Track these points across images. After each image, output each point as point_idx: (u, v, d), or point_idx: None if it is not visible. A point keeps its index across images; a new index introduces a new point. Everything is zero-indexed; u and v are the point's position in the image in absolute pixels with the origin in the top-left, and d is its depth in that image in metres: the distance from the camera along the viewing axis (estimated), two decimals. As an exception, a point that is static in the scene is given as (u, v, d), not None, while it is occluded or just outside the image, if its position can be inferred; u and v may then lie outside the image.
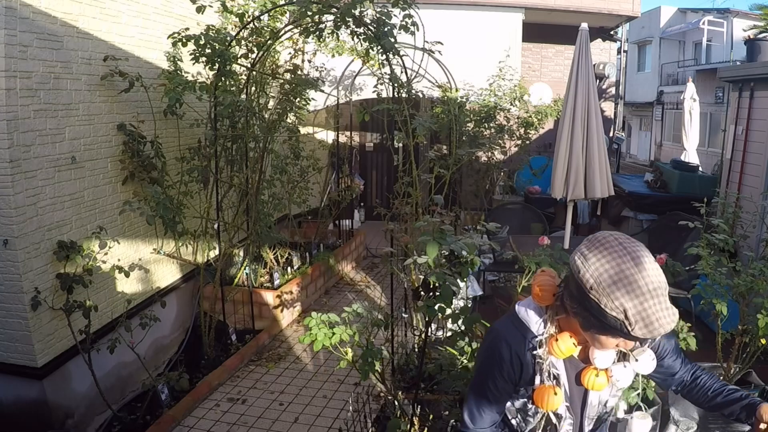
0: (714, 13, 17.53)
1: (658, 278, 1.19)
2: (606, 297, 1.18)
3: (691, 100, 9.02)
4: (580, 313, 1.28)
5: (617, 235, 1.26)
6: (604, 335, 1.27)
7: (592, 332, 1.29)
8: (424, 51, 4.66)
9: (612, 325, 1.20)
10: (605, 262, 1.20)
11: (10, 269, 3.08)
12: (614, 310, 1.18)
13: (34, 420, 3.21)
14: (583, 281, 1.22)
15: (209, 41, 3.95)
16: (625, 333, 1.19)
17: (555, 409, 1.42)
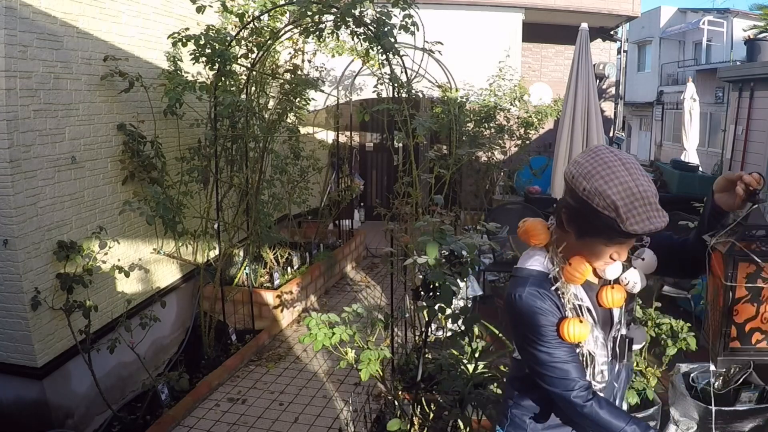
0: (714, 13, 17.54)
1: (648, 185, 1.25)
2: (598, 196, 1.23)
3: (691, 100, 9.03)
4: (576, 220, 1.33)
5: (612, 148, 1.31)
6: (600, 240, 1.31)
7: (587, 240, 1.33)
8: (424, 51, 4.66)
9: (605, 223, 1.25)
10: (597, 165, 1.26)
11: (10, 269, 3.08)
12: (606, 208, 1.23)
13: (34, 420, 3.21)
14: (577, 184, 1.28)
15: (209, 41, 3.95)
16: (618, 230, 1.23)
17: (584, 339, 1.38)
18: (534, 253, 1.46)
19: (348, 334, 2.65)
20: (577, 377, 1.36)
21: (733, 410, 3.00)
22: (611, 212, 1.23)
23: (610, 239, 1.30)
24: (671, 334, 3.00)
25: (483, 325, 3.53)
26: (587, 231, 1.32)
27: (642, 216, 1.21)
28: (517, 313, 1.40)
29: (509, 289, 1.45)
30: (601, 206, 1.24)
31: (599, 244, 1.32)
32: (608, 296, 1.43)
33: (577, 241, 1.36)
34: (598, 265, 1.39)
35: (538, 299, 1.38)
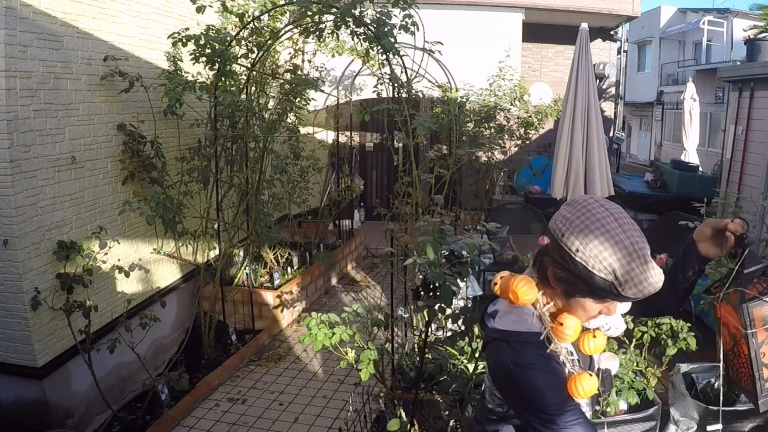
0: (714, 13, 17.54)
1: (642, 241, 1.19)
2: (593, 258, 1.16)
3: (691, 100, 9.02)
4: (566, 279, 1.24)
5: (597, 198, 1.25)
6: (591, 299, 1.25)
7: (578, 297, 1.26)
8: (424, 51, 4.66)
9: (600, 287, 1.19)
10: (590, 224, 1.18)
11: (10, 269, 3.08)
12: (602, 271, 1.16)
13: (34, 420, 3.21)
14: (568, 245, 1.20)
15: (209, 41, 3.95)
16: (615, 294, 1.19)
17: (594, 392, 1.30)
18: (521, 313, 1.34)
19: (348, 334, 2.65)
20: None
21: (733, 410, 3.00)
22: (608, 275, 1.17)
23: (602, 299, 1.24)
24: (671, 334, 3.00)
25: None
26: (578, 290, 1.25)
27: (640, 278, 1.16)
28: (519, 382, 1.28)
29: (499, 355, 1.32)
30: (596, 269, 1.17)
31: (588, 302, 1.26)
32: (589, 344, 1.37)
33: (563, 299, 1.30)
34: (578, 315, 1.32)
35: (542, 362, 1.28)
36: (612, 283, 1.17)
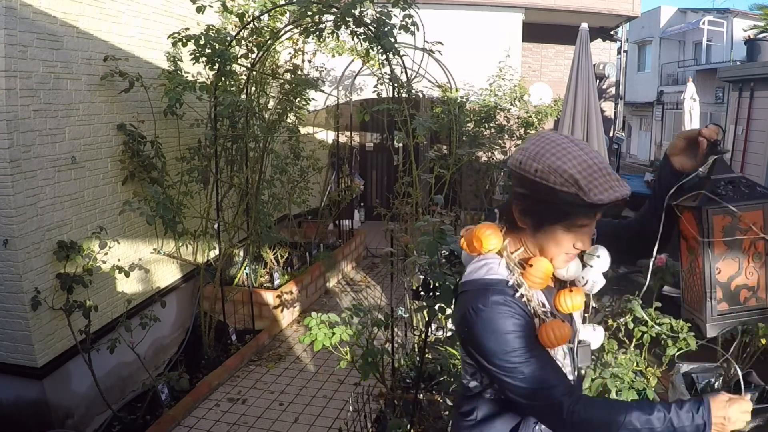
0: (714, 13, 17.54)
1: (603, 158, 1.20)
2: (553, 173, 1.15)
3: (691, 100, 9.02)
4: (530, 208, 1.22)
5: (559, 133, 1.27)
6: (561, 226, 1.22)
7: (546, 228, 1.23)
8: (424, 51, 4.66)
9: (565, 202, 1.16)
10: (546, 145, 1.19)
11: (10, 269, 3.08)
12: (564, 184, 1.15)
13: (34, 420, 3.21)
14: (527, 168, 1.19)
15: (209, 41, 3.95)
16: (581, 205, 1.15)
17: (567, 339, 1.26)
18: (484, 261, 1.28)
19: (348, 334, 2.65)
20: (559, 381, 1.21)
21: (733, 410, 3.00)
22: (571, 187, 1.14)
23: (570, 223, 1.21)
24: (671, 334, 3.00)
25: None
26: (545, 218, 1.22)
27: (605, 185, 1.14)
28: (479, 329, 1.22)
29: (461, 306, 1.27)
30: (558, 183, 1.15)
31: (559, 232, 1.23)
32: (566, 300, 1.31)
33: (533, 238, 1.26)
34: (558, 263, 1.28)
35: (506, 306, 1.21)
36: (576, 194, 1.14)
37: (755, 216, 1.19)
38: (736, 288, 1.23)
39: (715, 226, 1.20)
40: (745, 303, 1.24)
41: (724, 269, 1.23)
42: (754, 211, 1.20)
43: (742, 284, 1.23)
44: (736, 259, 1.22)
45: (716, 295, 1.23)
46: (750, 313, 1.25)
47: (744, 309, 1.24)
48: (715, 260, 1.21)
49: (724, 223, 1.20)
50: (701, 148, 1.25)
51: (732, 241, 1.20)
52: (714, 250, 1.21)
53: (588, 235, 1.26)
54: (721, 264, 1.22)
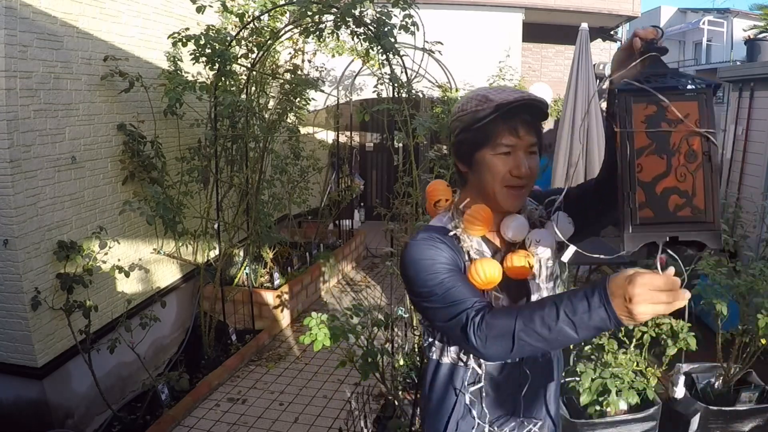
0: (714, 13, 17.54)
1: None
2: (468, 102, 1.27)
3: (691, 100, 9.00)
4: (458, 144, 1.30)
5: None
6: (486, 148, 1.25)
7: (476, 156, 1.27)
8: (424, 51, 4.65)
9: (479, 117, 1.24)
10: (472, 91, 1.33)
11: (10, 269, 3.08)
12: (478, 104, 1.25)
13: (34, 420, 3.21)
14: (454, 113, 1.32)
15: (209, 41, 3.95)
16: (491, 113, 1.22)
17: (495, 278, 1.23)
18: (438, 217, 1.38)
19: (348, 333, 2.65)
20: (469, 298, 1.17)
21: (733, 410, 3.00)
22: (481, 103, 1.24)
23: (494, 144, 1.24)
24: (671, 334, 3.00)
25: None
26: (473, 149, 1.27)
27: (508, 92, 1.24)
28: (404, 262, 1.26)
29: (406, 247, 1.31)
30: (472, 106, 1.25)
31: (488, 158, 1.25)
32: (509, 262, 1.28)
33: (475, 181, 1.30)
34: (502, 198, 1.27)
35: (431, 240, 1.26)
36: (485, 107, 1.23)
37: (688, 107, 0.98)
38: (663, 192, 0.98)
39: (635, 115, 0.99)
40: (675, 212, 0.98)
41: (646, 166, 0.99)
42: (686, 102, 0.99)
43: (672, 187, 0.98)
44: (663, 156, 0.98)
45: (636, 196, 0.98)
46: (683, 226, 0.98)
47: (675, 220, 0.98)
48: (636, 155, 0.98)
49: (648, 111, 0.99)
50: (635, 48, 1.10)
51: (657, 136, 0.98)
52: (635, 143, 0.99)
53: (519, 160, 1.25)
54: (643, 160, 0.99)
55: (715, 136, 0.99)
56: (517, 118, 1.23)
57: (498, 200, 1.28)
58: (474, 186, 1.32)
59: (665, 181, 0.99)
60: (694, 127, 0.98)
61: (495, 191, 1.27)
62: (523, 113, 1.24)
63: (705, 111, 0.99)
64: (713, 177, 0.98)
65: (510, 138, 1.24)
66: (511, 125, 1.23)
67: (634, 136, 0.99)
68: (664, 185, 0.99)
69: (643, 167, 0.99)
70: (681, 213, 0.99)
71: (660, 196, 0.99)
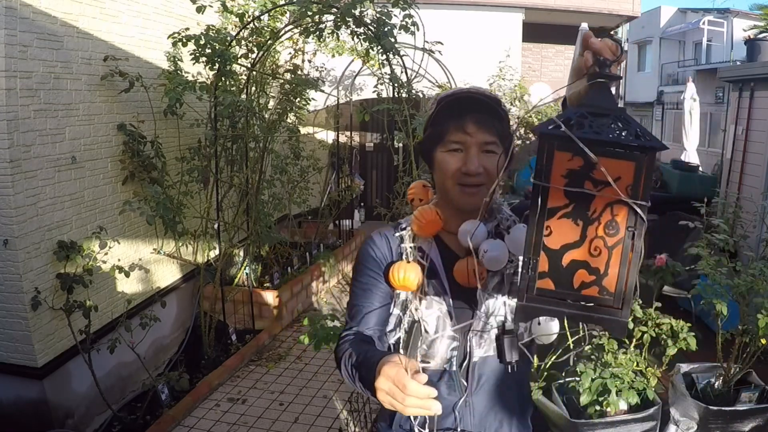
0: (714, 13, 17.53)
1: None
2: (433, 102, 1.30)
3: (692, 100, 9.02)
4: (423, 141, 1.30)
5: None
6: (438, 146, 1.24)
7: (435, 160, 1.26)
8: (424, 51, 4.66)
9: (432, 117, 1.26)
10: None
11: (10, 269, 3.08)
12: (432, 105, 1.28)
13: (34, 420, 3.21)
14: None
15: (209, 41, 3.95)
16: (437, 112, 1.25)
17: (410, 282, 1.20)
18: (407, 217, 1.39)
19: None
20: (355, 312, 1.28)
21: (733, 410, 3.00)
22: (434, 104, 1.27)
23: (445, 142, 1.22)
24: (671, 334, 3.00)
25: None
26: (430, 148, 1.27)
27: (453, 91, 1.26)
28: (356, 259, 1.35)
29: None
30: (430, 107, 1.30)
31: (439, 156, 1.24)
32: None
33: (436, 180, 1.29)
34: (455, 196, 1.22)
35: (377, 238, 1.31)
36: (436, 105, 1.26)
37: (622, 168, 0.80)
38: (570, 264, 0.82)
39: (556, 165, 0.82)
40: (580, 290, 0.83)
41: (557, 231, 0.83)
42: (620, 161, 0.80)
43: (581, 261, 0.82)
44: (579, 222, 0.82)
45: (538, 262, 0.83)
46: (585, 307, 0.83)
47: (578, 297, 0.83)
48: (547, 215, 0.83)
49: (572, 165, 0.81)
50: (585, 65, 0.89)
51: (577, 195, 0.81)
52: (549, 199, 0.83)
53: (470, 157, 1.20)
54: (554, 223, 0.83)
55: (646, 210, 0.80)
56: (468, 115, 1.20)
57: (452, 198, 1.25)
58: (438, 186, 1.30)
59: (575, 252, 0.83)
60: (624, 194, 0.79)
61: (448, 188, 1.24)
62: (474, 110, 1.20)
63: (641, 177, 0.80)
64: (633, 259, 0.81)
65: (458, 135, 1.21)
66: (459, 122, 1.21)
67: (549, 192, 0.82)
68: (572, 257, 0.83)
69: (552, 231, 0.83)
70: (586, 292, 0.83)
71: (565, 269, 0.83)
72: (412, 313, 1.23)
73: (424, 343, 1.22)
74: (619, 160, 0.80)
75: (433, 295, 1.24)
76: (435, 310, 1.23)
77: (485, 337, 1.23)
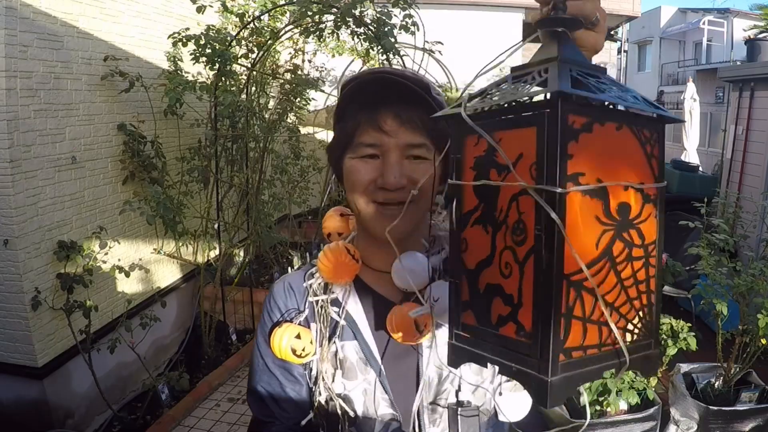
0: (714, 13, 17.56)
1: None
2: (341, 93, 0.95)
3: (692, 100, 9.03)
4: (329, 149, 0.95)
5: None
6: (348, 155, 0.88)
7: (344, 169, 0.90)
8: (425, 51, 4.66)
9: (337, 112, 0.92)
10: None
11: (11, 269, 3.08)
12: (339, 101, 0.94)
13: (34, 420, 3.21)
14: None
15: (209, 41, 3.95)
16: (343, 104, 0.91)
17: (285, 354, 0.91)
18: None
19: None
20: (259, 397, 0.98)
21: (733, 410, 3.00)
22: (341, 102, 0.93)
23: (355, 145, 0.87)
24: (671, 334, 3.01)
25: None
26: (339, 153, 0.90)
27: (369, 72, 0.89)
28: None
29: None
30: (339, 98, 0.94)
31: (349, 164, 0.89)
32: (392, 318, 0.88)
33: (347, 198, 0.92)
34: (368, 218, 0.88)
35: (273, 294, 1.00)
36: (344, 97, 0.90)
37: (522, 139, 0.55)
38: (486, 289, 0.58)
39: (466, 157, 0.61)
40: (497, 326, 0.57)
41: (472, 243, 0.60)
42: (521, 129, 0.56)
43: (494, 285, 0.57)
44: (488, 229, 0.57)
45: (460, 290, 0.61)
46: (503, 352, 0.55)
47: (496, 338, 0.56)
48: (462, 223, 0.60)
49: (477, 151, 0.60)
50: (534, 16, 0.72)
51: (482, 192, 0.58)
52: (463, 203, 0.61)
53: (388, 165, 0.85)
54: (468, 233, 0.60)
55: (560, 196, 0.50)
56: (384, 106, 0.85)
57: (366, 222, 0.89)
58: (350, 207, 0.94)
59: (488, 271, 0.58)
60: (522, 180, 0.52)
61: (361, 209, 0.88)
62: (394, 100, 0.84)
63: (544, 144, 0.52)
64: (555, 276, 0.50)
65: (372, 134, 0.85)
66: (373, 117, 0.85)
67: (463, 191, 0.60)
68: (487, 279, 0.58)
69: (468, 245, 0.60)
70: (503, 330, 0.56)
71: (482, 295, 0.58)
72: (326, 389, 0.91)
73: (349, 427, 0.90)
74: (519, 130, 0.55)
75: (355, 361, 0.91)
76: (360, 381, 0.90)
77: (440, 412, 0.90)
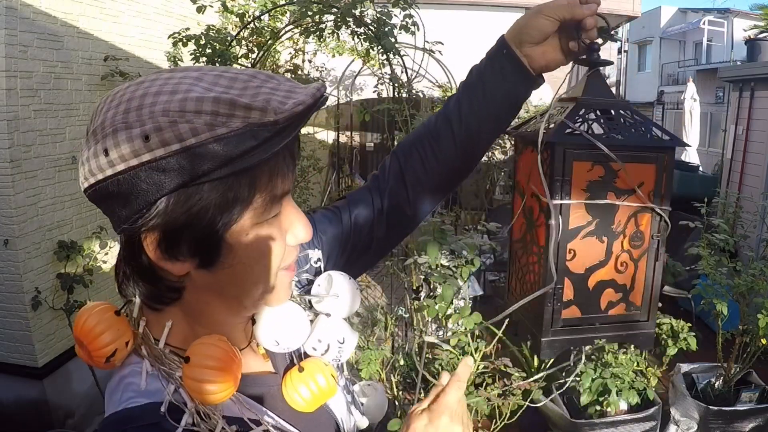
0: (714, 13, 17.56)
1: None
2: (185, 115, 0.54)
3: (692, 100, 9.03)
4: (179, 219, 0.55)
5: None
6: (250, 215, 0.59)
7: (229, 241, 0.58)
8: (425, 51, 4.66)
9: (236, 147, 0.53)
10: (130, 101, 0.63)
11: (11, 269, 3.08)
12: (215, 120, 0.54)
13: (34, 420, 3.21)
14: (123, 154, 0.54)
15: (210, 41, 3.95)
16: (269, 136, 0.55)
17: None
18: (120, 375, 0.63)
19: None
20: None
21: (733, 410, 3.00)
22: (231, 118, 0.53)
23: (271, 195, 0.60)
24: (671, 334, 3.00)
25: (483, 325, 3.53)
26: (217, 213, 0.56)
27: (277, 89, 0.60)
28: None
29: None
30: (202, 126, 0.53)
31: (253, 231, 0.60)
32: (292, 389, 0.68)
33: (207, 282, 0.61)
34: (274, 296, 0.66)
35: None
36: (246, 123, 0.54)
37: (642, 172, 0.71)
38: (597, 286, 0.73)
39: (575, 178, 0.70)
40: (607, 311, 0.74)
41: (582, 253, 0.71)
42: (642, 164, 0.71)
43: (608, 280, 0.73)
44: (604, 239, 0.71)
45: (563, 292, 0.71)
46: (612, 327, 0.75)
47: (606, 320, 0.74)
48: (569, 237, 0.71)
49: (592, 176, 0.70)
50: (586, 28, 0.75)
51: (599, 210, 0.71)
52: (569, 219, 0.70)
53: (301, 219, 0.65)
54: (577, 244, 0.71)
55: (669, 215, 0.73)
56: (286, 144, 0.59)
57: (271, 297, 0.66)
58: (197, 292, 0.62)
59: (602, 272, 0.73)
60: (648, 200, 0.70)
61: (268, 286, 0.64)
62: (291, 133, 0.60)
63: (662, 179, 0.71)
64: (657, 267, 0.73)
65: (286, 181, 0.62)
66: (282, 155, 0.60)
67: (571, 210, 0.70)
68: (599, 277, 0.73)
69: (576, 254, 0.71)
70: (613, 311, 0.74)
71: (592, 292, 0.73)
72: None
73: None
74: (639, 164, 0.71)
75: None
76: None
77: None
